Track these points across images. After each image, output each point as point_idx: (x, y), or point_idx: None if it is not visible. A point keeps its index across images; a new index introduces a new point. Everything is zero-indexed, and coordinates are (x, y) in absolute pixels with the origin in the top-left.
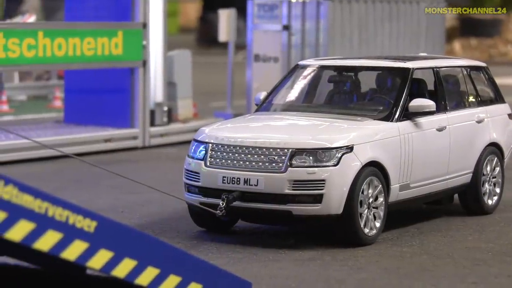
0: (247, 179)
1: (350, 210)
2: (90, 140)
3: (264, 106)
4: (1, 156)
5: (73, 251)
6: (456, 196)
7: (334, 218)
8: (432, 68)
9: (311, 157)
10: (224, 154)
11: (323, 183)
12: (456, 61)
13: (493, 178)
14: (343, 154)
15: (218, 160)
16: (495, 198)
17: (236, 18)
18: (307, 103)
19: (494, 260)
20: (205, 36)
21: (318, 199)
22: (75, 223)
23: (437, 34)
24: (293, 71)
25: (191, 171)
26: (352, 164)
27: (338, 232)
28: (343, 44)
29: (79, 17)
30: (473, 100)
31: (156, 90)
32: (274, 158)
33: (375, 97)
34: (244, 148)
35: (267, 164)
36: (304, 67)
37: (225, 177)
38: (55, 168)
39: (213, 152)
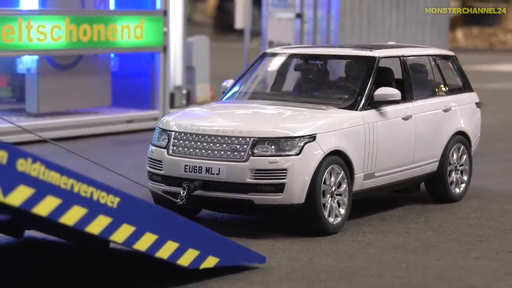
0: (209, 168)
1: (312, 200)
2: (113, 121)
3: (231, 94)
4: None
5: (97, 226)
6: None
7: (296, 207)
8: (399, 57)
9: (273, 146)
10: (187, 142)
11: (285, 172)
12: (424, 50)
13: (460, 166)
14: (305, 143)
15: (180, 149)
16: (463, 185)
17: (252, 6)
18: (274, 91)
19: (495, 237)
20: (220, 24)
21: (280, 188)
22: (99, 199)
23: (442, 22)
24: (261, 59)
25: (153, 159)
26: (315, 153)
27: (301, 221)
28: (353, 32)
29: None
30: (441, 89)
31: (175, 74)
32: (236, 147)
33: (341, 86)
34: (206, 137)
35: (229, 153)
36: (272, 55)
37: (187, 165)
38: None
39: (175, 141)
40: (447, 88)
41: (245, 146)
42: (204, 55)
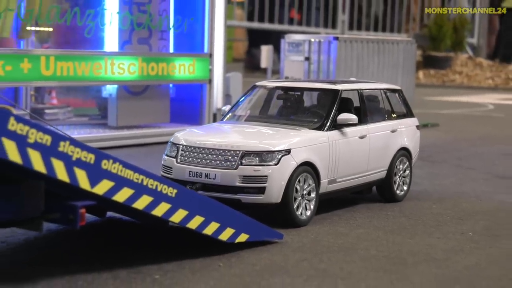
0: (207, 173)
1: (287, 200)
2: (170, 133)
3: (228, 116)
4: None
5: (160, 210)
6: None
7: (274, 205)
8: (357, 90)
9: (257, 158)
10: (191, 153)
11: (266, 178)
12: (377, 85)
13: (403, 174)
14: (282, 156)
15: (186, 158)
16: (405, 188)
17: (273, 52)
18: (261, 115)
19: (451, 222)
20: (249, 64)
21: (261, 190)
22: (162, 190)
23: (410, 65)
24: (252, 90)
25: (166, 166)
26: (289, 164)
27: (278, 216)
28: (346, 71)
29: (167, 48)
30: (389, 114)
31: (217, 99)
32: (229, 158)
33: (312, 111)
34: (206, 150)
35: (223, 162)
36: (260, 87)
37: (191, 171)
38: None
39: (182, 152)
40: (394, 114)
41: (235, 157)
42: (238, 86)
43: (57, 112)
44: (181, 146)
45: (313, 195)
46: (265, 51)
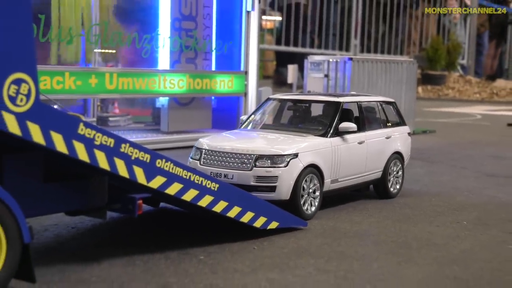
0: (226, 174)
1: (295, 197)
2: None
3: (245, 125)
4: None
5: (204, 201)
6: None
7: (283, 202)
8: (356, 102)
9: (269, 161)
10: (212, 156)
11: (276, 178)
12: (374, 97)
13: (396, 174)
14: (291, 159)
15: (208, 161)
16: (398, 187)
17: (298, 70)
18: (273, 123)
19: (448, 212)
20: (277, 80)
21: (273, 189)
22: (206, 185)
23: (411, 81)
24: (265, 102)
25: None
26: (297, 166)
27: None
28: (358, 86)
29: (210, 66)
30: (384, 123)
31: (251, 109)
32: (244, 161)
33: (318, 121)
34: (225, 153)
35: (239, 164)
36: (274, 99)
37: (212, 172)
38: None
39: (205, 155)
40: (388, 123)
41: (250, 160)
42: None
43: (118, 119)
44: (203, 150)
45: (317, 193)
46: (291, 69)
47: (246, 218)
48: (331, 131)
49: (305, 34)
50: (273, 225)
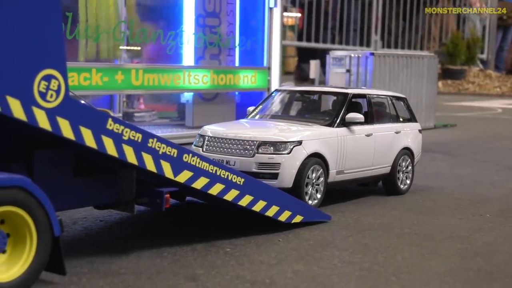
0: (228, 160)
1: (298, 185)
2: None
3: (252, 115)
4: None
5: (230, 195)
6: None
7: (286, 190)
8: (366, 94)
9: (271, 147)
10: (215, 143)
11: (279, 165)
12: (383, 92)
13: (406, 170)
14: (294, 146)
15: (211, 148)
16: (408, 182)
17: (320, 65)
18: (280, 114)
19: (470, 206)
20: (299, 76)
21: (275, 176)
22: (232, 179)
23: (432, 76)
24: (273, 93)
25: None
26: (301, 153)
27: None
28: (380, 81)
29: (233, 62)
30: (394, 118)
31: None
32: (247, 147)
33: (325, 111)
34: (227, 140)
35: (242, 151)
36: (281, 91)
37: (214, 159)
38: None
39: (208, 142)
40: (398, 118)
41: (252, 147)
42: None
43: (144, 115)
44: (207, 137)
45: (322, 183)
46: (314, 64)
47: (271, 212)
48: (338, 121)
49: (326, 30)
50: (298, 219)
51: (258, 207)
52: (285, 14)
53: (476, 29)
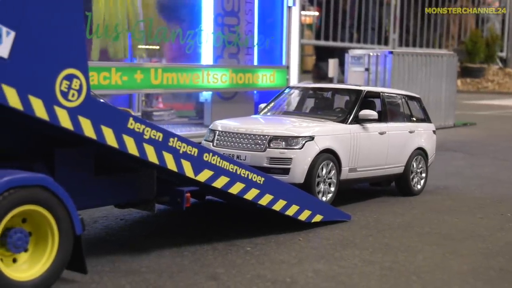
0: (239, 155)
1: (309, 181)
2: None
3: (264, 111)
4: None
5: (250, 195)
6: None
7: (297, 185)
8: (379, 92)
9: (283, 142)
10: (226, 138)
11: (291, 161)
12: (397, 91)
13: (419, 170)
14: (306, 141)
15: (221, 142)
16: (422, 182)
17: (338, 64)
18: (293, 110)
19: (491, 205)
20: (317, 75)
21: (286, 171)
22: (252, 178)
23: (452, 75)
24: (286, 90)
25: None
26: (313, 148)
27: None
28: (399, 80)
29: (252, 61)
30: (408, 117)
31: None
32: (258, 142)
33: (338, 108)
34: (238, 134)
35: (253, 145)
36: (294, 88)
37: (225, 153)
38: None
39: (218, 137)
40: (413, 118)
41: (264, 141)
42: None
43: (163, 114)
44: (217, 131)
45: (334, 180)
46: (332, 63)
47: (291, 211)
48: (351, 118)
49: (344, 29)
50: (318, 218)
51: (278, 206)
52: (303, 12)
53: (495, 28)
